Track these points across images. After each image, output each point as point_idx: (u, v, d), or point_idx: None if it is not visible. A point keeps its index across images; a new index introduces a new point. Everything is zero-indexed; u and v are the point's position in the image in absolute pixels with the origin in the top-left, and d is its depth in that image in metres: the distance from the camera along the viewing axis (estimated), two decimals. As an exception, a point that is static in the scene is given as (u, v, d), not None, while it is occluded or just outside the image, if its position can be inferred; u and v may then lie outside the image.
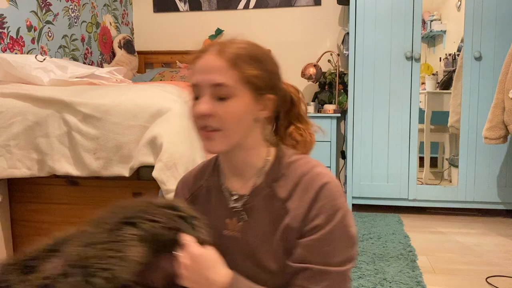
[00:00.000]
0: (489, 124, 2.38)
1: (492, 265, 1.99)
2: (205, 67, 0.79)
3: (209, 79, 0.78)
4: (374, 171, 2.78)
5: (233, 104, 0.78)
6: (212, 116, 0.78)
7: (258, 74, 0.79)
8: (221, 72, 0.77)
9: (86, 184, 1.45)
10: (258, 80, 0.79)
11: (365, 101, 2.78)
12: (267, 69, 0.82)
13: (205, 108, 0.77)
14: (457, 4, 3.13)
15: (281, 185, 0.83)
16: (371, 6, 2.72)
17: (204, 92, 0.79)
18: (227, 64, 0.78)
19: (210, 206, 0.90)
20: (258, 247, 0.83)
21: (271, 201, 0.83)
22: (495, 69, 2.62)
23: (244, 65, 0.78)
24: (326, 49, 3.22)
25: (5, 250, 1.48)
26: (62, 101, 1.37)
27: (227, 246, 0.84)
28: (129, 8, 3.52)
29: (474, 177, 2.71)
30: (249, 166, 0.86)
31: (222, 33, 3.40)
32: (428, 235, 2.42)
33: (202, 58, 0.80)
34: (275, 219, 0.82)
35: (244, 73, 0.78)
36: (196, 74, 0.80)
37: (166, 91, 1.43)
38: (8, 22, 2.13)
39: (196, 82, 0.80)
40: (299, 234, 0.80)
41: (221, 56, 0.78)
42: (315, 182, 0.80)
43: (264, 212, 0.83)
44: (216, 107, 0.78)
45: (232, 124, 0.78)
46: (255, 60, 0.80)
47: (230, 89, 0.77)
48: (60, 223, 1.49)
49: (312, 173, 0.82)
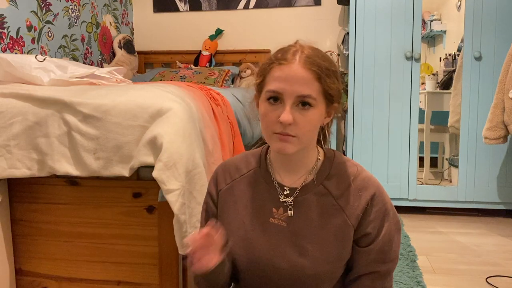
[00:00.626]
0: (489, 124, 2.38)
1: (492, 265, 1.99)
2: (292, 77, 0.82)
3: (297, 90, 0.82)
4: (374, 171, 2.78)
5: (312, 114, 0.83)
6: (292, 124, 0.82)
7: (336, 88, 0.86)
8: (308, 84, 0.82)
9: (86, 184, 1.45)
10: (334, 93, 0.86)
11: (365, 101, 2.77)
12: (339, 81, 0.88)
13: (290, 119, 0.81)
14: (457, 4, 3.13)
15: (333, 183, 0.91)
16: (371, 6, 2.72)
17: (287, 100, 0.82)
18: (313, 76, 0.82)
19: (255, 194, 0.95)
20: (304, 237, 0.89)
21: (323, 197, 0.90)
22: (495, 69, 2.62)
23: (327, 78, 0.83)
24: (326, 49, 3.22)
25: (5, 250, 1.48)
26: (62, 101, 1.37)
27: (272, 233, 0.91)
28: (129, 8, 3.52)
29: (474, 177, 2.71)
30: (304, 164, 0.92)
31: (222, 33, 3.40)
32: (428, 235, 2.42)
33: (287, 67, 0.83)
34: (326, 214, 0.90)
35: (325, 86, 0.83)
36: (279, 82, 0.83)
37: (166, 91, 1.43)
38: (8, 22, 2.13)
39: (281, 90, 0.82)
40: (353, 232, 0.89)
41: (308, 68, 0.82)
42: (369, 186, 0.90)
43: (314, 207, 0.90)
44: (296, 116, 0.82)
45: (307, 133, 0.84)
46: (333, 72, 0.85)
47: (313, 101, 0.83)
48: (60, 223, 1.49)
49: (364, 176, 0.92)
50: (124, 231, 1.44)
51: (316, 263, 0.88)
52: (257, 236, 0.92)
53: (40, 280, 1.52)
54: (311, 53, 0.84)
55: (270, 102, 0.84)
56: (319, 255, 0.88)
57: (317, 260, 0.88)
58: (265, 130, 0.87)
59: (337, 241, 0.88)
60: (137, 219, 1.42)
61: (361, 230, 0.89)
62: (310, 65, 0.82)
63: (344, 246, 0.89)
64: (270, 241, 0.90)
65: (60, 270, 1.50)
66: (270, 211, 0.92)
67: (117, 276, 1.46)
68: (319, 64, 0.83)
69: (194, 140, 1.34)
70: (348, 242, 0.89)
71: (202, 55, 3.34)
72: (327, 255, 0.88)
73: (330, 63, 0.86)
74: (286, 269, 0.89)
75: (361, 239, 0.89)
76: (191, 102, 1.48)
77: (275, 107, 0.84)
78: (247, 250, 0.92)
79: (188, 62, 3.40)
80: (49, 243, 1.50)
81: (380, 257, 0.89)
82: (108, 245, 1.46)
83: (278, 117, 0.83)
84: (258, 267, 0.91)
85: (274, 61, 0.85)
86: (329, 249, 0.88)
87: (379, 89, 2.76)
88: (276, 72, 0.84)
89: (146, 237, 1.42)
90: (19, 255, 1.53)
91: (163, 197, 1.28)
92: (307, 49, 0.85)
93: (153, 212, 1.41)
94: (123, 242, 1.44)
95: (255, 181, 0.96)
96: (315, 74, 0.82)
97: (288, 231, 0.90)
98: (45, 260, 1.51)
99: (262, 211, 0.93)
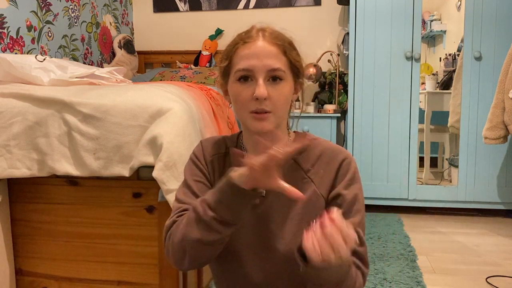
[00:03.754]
0: (489, 124, 2.38)
1: (492, 265, 1.99)
2: (260, 52, 0.84)
3: (266, 64, 0.83)
4: (374, 171, 2.78)
5: (283, 87, 0.85)
6: (267, 99, 0.83)
7: (300, 60, 0.89)
8: (276, 57, 0.84)
9: (86, 184, 1.45)
10: (299, 66, 0.89)
11: (365, 101, 2.77)
12: (300, 55, 0.90)
13: (265, 93, 0.83)
14: (457, 4, 3.13)
15: (304, 158, 0.91)
16: (371, 6, 2.72)
17: (258, 76, 0.84)
18: (280, 50, 0.85)
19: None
20: (274, 213, 0.89)
21: (295, 172, 0.90)
22: (495, 69, 2.62)
23: (291, 51, 0.87)
24: (326, 49, 3.22)
25: (5, 250, 1.48)
26: (62, 101, 1.37)
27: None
28: (129, 8, 3.52)
29: (474, 177, 2.71)
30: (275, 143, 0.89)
31: (222, 33, 3.40)
32: (428, 235, 2.42)
33: (253, 44, 0.85)
34: (297, 189, 0.86)
35: (292, 59, 0.86)
36: (248, 59, 0.84)
37: (166, 91, 1.43)
38: (8, 22, 2.13)
39: (251, 67, 0.84)
40: (325, 200, 0.89)
41: (274, 43, 0.85)
42: (339, 155, 0.90)
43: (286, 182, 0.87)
44: (270, 90, 0.84)
45: (281, 106, 0.86)
46: (295, 47, 0.89)
47: (283, 74, 0.85)
48: (60, 223, 1.49)
49: (335, 148, 0.92)
50: (124, 231, 1.44)
51: (286, 239, 0.87)
52: None
53: (40, 280, 1.52)
54: (273, 30, 0.88)
55: (241, 82, 0.85)
56: (289, 229, 0.88)
57: (287, 235, 0.87)
58: (239, 111, 0.87)
59: (307, 214, 0.87)
60: (137, 219, 1.42)
61: (332, 194, 0.88)
62: (275, 39, 0.85)
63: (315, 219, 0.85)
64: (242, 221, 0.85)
65: (60, 270, 1.50)
66: None
67: (117, 276, 1.46)
68: (283, 38, 0.86)
69: (194, 140, 1.34)
70: (319, 214, 0.84)
71: (202, 55, 3.34)
72: (297, 229, 0.87)
73: (291, 39, 0.89)
74: (259, 248, 0.88)
75: (331, 202, 0.88)
76: (191, 102, 1.48)
77: (246, 85, 0.85)
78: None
79: (188, 62, 3.40)
80: (49, 243, 1.50)
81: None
82: (108, 245, 1.46)
83: (252, 94, 0.83)
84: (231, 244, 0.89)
85: (238, 41, 0.87)
86: (299, 223, 0.87)
87: (379, 89, 2.76)
88: (243, 51, 0.85)
89: (146, 237, 1.42)
90: (19, 255, 1.53)
91: (163, 197, 1.28)
92: (268, 28, 0.88)
93: (153, 212, 1.41)
94: (123, 242, 1.44)
95: (229, 160, 0.95)
96: (281, 48, 0.85)
97: (260, 208, 0.89)
98: (45, 260, 1.51)
99: None
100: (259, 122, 0.85)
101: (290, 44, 0.88)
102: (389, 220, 2.63)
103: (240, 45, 0.86)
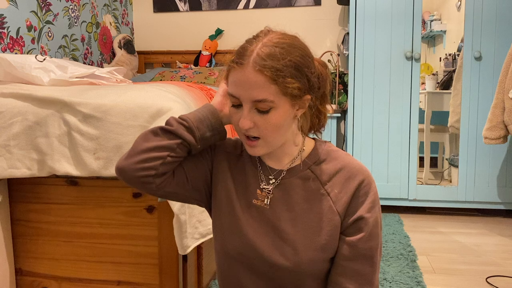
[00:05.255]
0: (489, 124, 2.38)
1: (492, 265, 1.99)
2: (245, 82, 0.79)
3: (250, 95, 0.79)
4: (374, 171, 2.78)
5: (272, 115, 0.81)
6: (254, 127, 0.82)
7: (298, 85, 0.80)
8: (261, 88, 0.78)
9: (86, 184, 1.45)
10: (297, 90, 0.81)
11: (365, 101, 2.78)
12: (305, 74, 0.82)
13: (246, 124, 0.81)
14: (457, 4, 3.13)
15: (321, 169, 0.89)
16: (371, 6, 2.72)
17: (244, 105, 0.81)
18: (267, 80, 0.78)
19: (243, 174, 0.94)
20: (286, 220, 0.88)
21: (309, 182, 0.89)
22: (495, 69, 2.62)
23: (284, 79, 0.78)
24: (326, 49, 3.22)
25: (5, 250, 1.48)
26: (62, 101, 1.37)
27: (254, 215, 0.90)
28: (129, 8, 3.52)
29: (474, 177, 2.71)
30: (286, 154, 0.91)
31: (222, 33, 3.40)
32: (428, 235, 2.42)
33: (241, 71, 0.79)
34: (311, 199, 0.88)
35: (284, 87, 0.79)
36: (235, 87, 0.81)
37: (166, 91, 1.43)
38: (8, 22, 2.13)
39: (237, 95, 0.81)
40: (341, 219, 0.86)
41: (261, 73, 0.78)
42: (359, 175, 0.87)
43: (299, 190, 0.89)
44: (256, 119, 0.81)
45: (271, 133, 0.83)
46: (295, 69, 0.80)
47: (270, 103, 0.79)
48: (60, 223, 1.49)
49: (355, 165, 0.89)
50: (124, 231, 1.44)
51: (297, 249, 0.85)
52: (241, 214, 0.90)
53: (40, 280, 1.52)
54: (267, 51, 0.78)
55: (233, 105, 0.84)
56: (300, 240, 0.86)
57: (298, 245, 0.85)
58: (235, 130, 0.88)
59: (320, 228, 0.86)
60: (137, 219, 1.42)
61: (350, 214, 0.86)
62: (262, 68, 0.77)
63: (328, 234, 0.86)
64: (253, 222, 0.89)
65: (60, 270, 1.50)
66: (254, 192, 0.91)
67: (117, 276, 1.46)
68: (273, 67, 0.77)
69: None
70: (333, 231, 0.86)
71: (202, 55, 3.34)
72: (309, 241, 0.86)
73: (290, 58, 0.79)
74: (267, 254, 0.87)
75: (353, 225, 0.86)
76: (191, 102, 1.48)
77: (237, 110, 0.84)
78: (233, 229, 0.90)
79: (188, 62, 3.41)
80: (49, 243, 1.50)
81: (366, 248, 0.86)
82: (108, 245, 1.46)
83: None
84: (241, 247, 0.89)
85: (231, 62, 0.82)
86: (311, 235, 0.86)
87: (379, 89, 2.76)
88: (232, 76, 0.82)
89: (146, 237, 1.42)
90: (19, 255, 1.53)
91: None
92: (266, 46, 0.79)
93: (153, 212, 1.41)
94: (123, 242, 1.44)
95: (244, 161, 0.95)
96: (268, 78, 0.77)
97: (270, 214, 0.89)
98: (45, 260, 1.51)
99: (248, 190, 0.92)
100: (251, 148, 0.85)
101: (288, 68, 0.78)
102: (389, 220, 2.63)
103: (233, 67, 0.81)
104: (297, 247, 0.86)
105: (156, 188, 0.89)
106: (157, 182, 0.88)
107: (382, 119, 2.77)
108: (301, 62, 0.81)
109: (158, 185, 0.88)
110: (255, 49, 0.79)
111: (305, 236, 0.86)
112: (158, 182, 0.88)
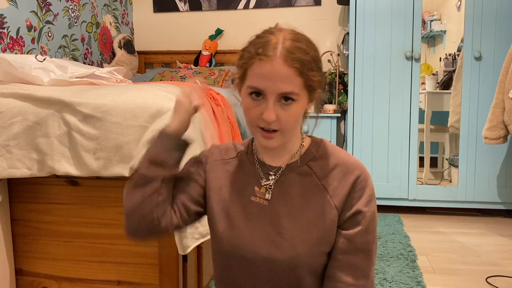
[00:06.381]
0: (489, 124, 2.38)
1: (492, 265, 1.99)
2: (274, 74, 0.79)
3: (278, 87, 0.79)
4: (374, 171, 2.78)
5: (295, 108, 0.82)
6: (276, 121, 0.82)
7: (319, 79, 0.84)
8: (290, 81, 0.79)
9: (86, 184, 1.45)
10: (317, 84, 0.84)
11: (365, 101, 2.78)
12: (322, 69, 0.86)
13: (272, 117, 0.81)
14: (457, 4, 3.14)
15: (318, 164, 0.91)
16: (371, 6, 2.72)
17: (269, 98, 0.81)
18: (294, 72, 0.79)
19: (240, 175, 0.95)
20: (284, 215, 0.88)
21: (306, 177, 0.90)
22: (495, 69, 2.62)
23: (309, 72, 0.81)
24: (326, 49, 3.23)
25: (5, 250, 1.48)
26: (62, 101, 1.37)
27: (253, 212, 0.90)
28: (129, 8, 3.52)
29: (474, 177, 2.71)
30: (287, 150, 0.92)
31: (222, 33, 3.40)
32: (428, 235, 2.42)
33: (268, 63, 0.79)
34: (308, 193, 0.89)
35: (308, 80, 0.81)
36: (261, 79, 0.80)
37: (166, 91, 1.43)
38: (8, 22, 2.13)
39: (262, 87, 0.80)
40: (338, 213, 0.87)
41: (290, 65, 0.79)
42: (356, 170, 0.89)
43: (297, 186, 0.90)
44: (279, 112, 0.81)
45: (291, 125, 0.84)
46: (316, 63, 0.83)
47: (296, 96, 0.81)
48: (60, 223, 1.49)
49: (352, 161, 0.90)
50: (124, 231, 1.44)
51: (294, 243, 0.86)
52: (237, 215, 0.91)
53: (40, 280, 1.52)
54: (292, 45, 0.80)
55: (252, 97, 0.83)
56: (297, 234, 0.87)
57: (295, 239, 0.86)
58: (249, 123, 0.87)
59: (317, 222, 0.87)
60: (137, 219, 1.42)
61: (347, 208, 0.87)
62: (291, 61, 0.78)
63: (325, 229, 0.87)
64: (250, 219, 0.89)
65: (60, 270, 1.50)
66: (252, 190, 0.92)
67: (117, 276, 1.46)
68: (301, 59, 0.79)
69: (194, 141, 1.34)
70: (331, 225, 0.87)
71: (202, 55, 3.34)
72: (306, 236, 0.86)
73: (312, 53, 0.82)
74: (263, 250, 0.87)
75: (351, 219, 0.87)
76: (191, 102, 1.48)
77: (257, 103, 0.82)
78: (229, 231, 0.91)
79: (188, 62, 3.41)
80: (49, 243, 1.50)
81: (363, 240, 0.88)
82: (108, 245, 1.46)
83: (261, 113, 0.81)
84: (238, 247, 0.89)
85: (254, 55, 0.81)
86: (308, 229, 0.87)
87: (379, 89, 2.76)
88: (257, 68, 0.80)
89: (146, 237, 1.42)
90: (19, 255, 1.53)
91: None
92: (288, 40, 0.80)
93: (153, 212, 1.40)
94: (123, 242, 1.44)
95: (241, 162, 0.96)
96: (297, 70, 0.79)
97: (269, 210, 0.89)
98: (45, 260, 1.51)
99: (245, 190, 0.93)
100: (266, 140, 0.84)
101: (311, 62, 0.81)
102: (389, 220, 2.63)
103: (256, 61, 0.80)
104: (294, 241, 0.86)
105: (166, 229, 0.92)
106: (163, 223, 0.91)
107: (382, 119, 2.77)
108: (319, 57, 0.84)
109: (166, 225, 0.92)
110: (279, 42, 0.80)
111: (303, 230, 0.87)
112: (164, 223, 0.91)
